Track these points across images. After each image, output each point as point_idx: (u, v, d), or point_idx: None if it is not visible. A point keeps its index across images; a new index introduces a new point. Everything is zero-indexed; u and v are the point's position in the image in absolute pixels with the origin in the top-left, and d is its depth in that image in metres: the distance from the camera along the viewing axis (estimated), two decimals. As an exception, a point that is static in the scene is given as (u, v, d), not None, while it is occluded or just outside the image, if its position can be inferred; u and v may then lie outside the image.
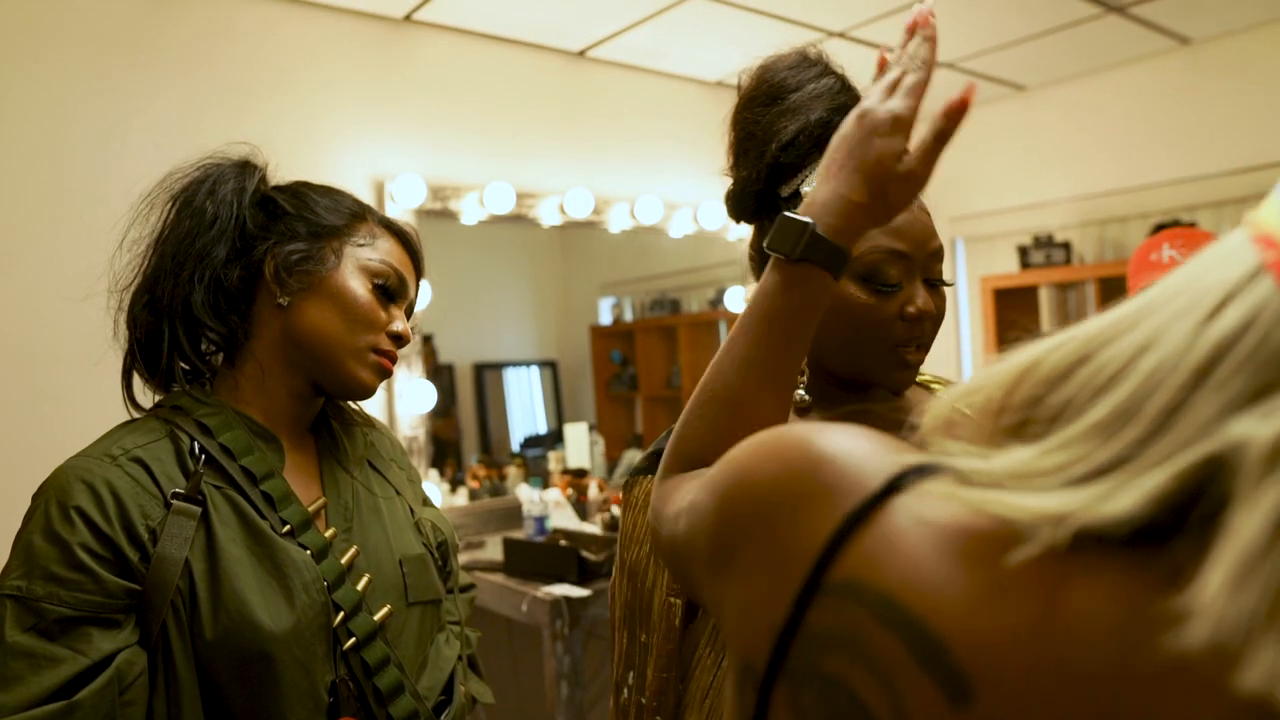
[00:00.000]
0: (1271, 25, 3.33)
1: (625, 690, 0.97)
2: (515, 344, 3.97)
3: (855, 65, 0.97)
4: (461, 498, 3.14)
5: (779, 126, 0.96)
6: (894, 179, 0.71)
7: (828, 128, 0.95)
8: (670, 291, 4.21)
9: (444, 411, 3.66)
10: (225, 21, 2.57)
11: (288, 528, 0.96)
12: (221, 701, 0.90)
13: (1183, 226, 3.15)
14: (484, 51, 3.11)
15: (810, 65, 0.98)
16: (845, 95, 0.98)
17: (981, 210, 4.23)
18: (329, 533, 1.00)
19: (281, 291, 1.01)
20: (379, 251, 1.06)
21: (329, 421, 1.11)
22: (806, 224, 0.71)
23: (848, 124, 0.73)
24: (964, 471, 0.42)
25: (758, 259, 1.05)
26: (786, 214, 0.73)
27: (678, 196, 3.56)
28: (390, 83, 2.89)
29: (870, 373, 0.97)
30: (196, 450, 0.96)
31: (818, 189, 0.74)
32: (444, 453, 3.48)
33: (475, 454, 3.81)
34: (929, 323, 0.95)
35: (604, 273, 4.24)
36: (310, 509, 1.00)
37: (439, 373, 3.67)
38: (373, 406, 2.83)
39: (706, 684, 0.92)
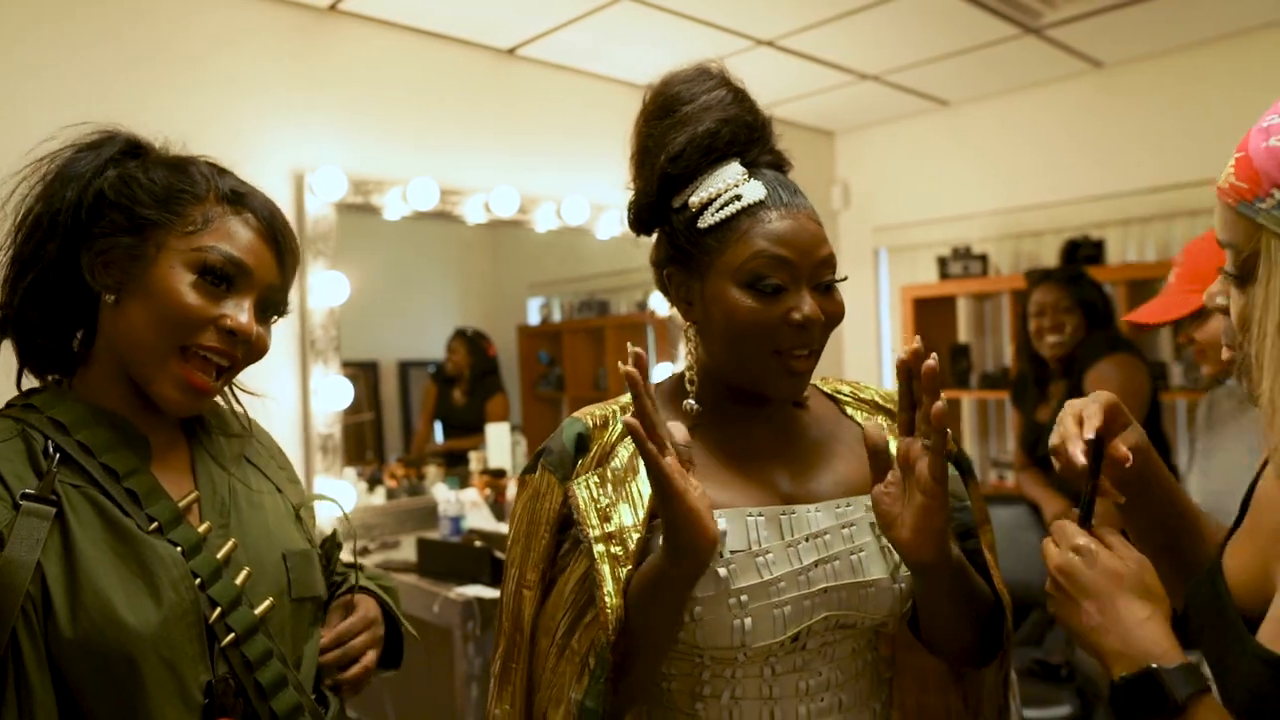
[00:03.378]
0: (1179, 52, 3.48)
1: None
2: (442, 342, 3.92)
3: (782, 74, 0.98)
4: (379, 497, 3.09)
5: (670, 139, 0.96)
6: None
7: (715, 138, 0.96)
8: (599, 293, 4.22)
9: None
10: None
11: (155, 524, 0.93)
12: (79, 709, 0.86)
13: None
14: (411, 45, 3.07)
15: (707, 78, 0.99)
16: (737, 106, 0.98)
17: (904, 221, 4.32)
18: (203, 527, 0.97)
19: (106, 289, 0.95)
20: (213, 236, 0.95)
21: (202, 417, 1.07)
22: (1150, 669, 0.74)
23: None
24: None
25: (658, 271, 1.05)
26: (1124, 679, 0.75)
27: (605, 198, 3.56)
28: (313, 72, 2.83)
29: (757, 380, 0.97)
30: (51, 449, 0.91)
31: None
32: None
33: (397, 452, 3.75)
34: (817, 329, 0.95)
35: (532, 273, 4.22)
36: (181, 504, 0.97)
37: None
38: (291, 403, 2.77)
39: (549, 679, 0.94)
